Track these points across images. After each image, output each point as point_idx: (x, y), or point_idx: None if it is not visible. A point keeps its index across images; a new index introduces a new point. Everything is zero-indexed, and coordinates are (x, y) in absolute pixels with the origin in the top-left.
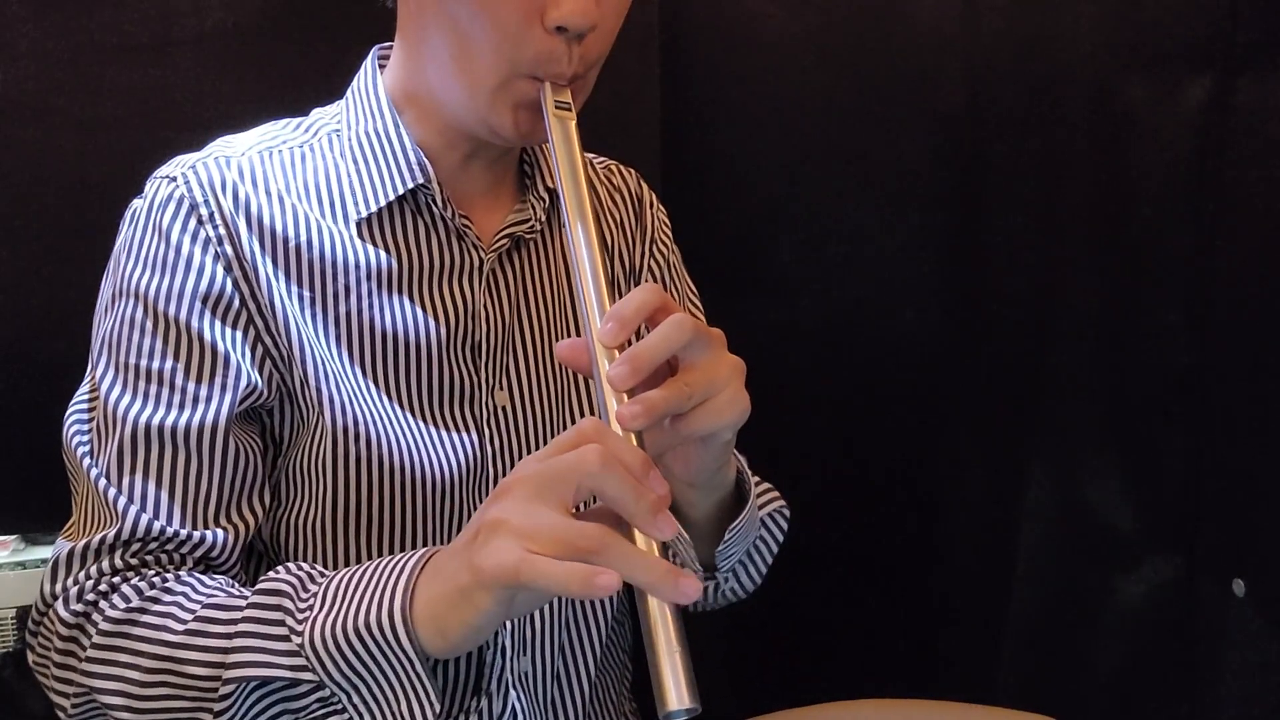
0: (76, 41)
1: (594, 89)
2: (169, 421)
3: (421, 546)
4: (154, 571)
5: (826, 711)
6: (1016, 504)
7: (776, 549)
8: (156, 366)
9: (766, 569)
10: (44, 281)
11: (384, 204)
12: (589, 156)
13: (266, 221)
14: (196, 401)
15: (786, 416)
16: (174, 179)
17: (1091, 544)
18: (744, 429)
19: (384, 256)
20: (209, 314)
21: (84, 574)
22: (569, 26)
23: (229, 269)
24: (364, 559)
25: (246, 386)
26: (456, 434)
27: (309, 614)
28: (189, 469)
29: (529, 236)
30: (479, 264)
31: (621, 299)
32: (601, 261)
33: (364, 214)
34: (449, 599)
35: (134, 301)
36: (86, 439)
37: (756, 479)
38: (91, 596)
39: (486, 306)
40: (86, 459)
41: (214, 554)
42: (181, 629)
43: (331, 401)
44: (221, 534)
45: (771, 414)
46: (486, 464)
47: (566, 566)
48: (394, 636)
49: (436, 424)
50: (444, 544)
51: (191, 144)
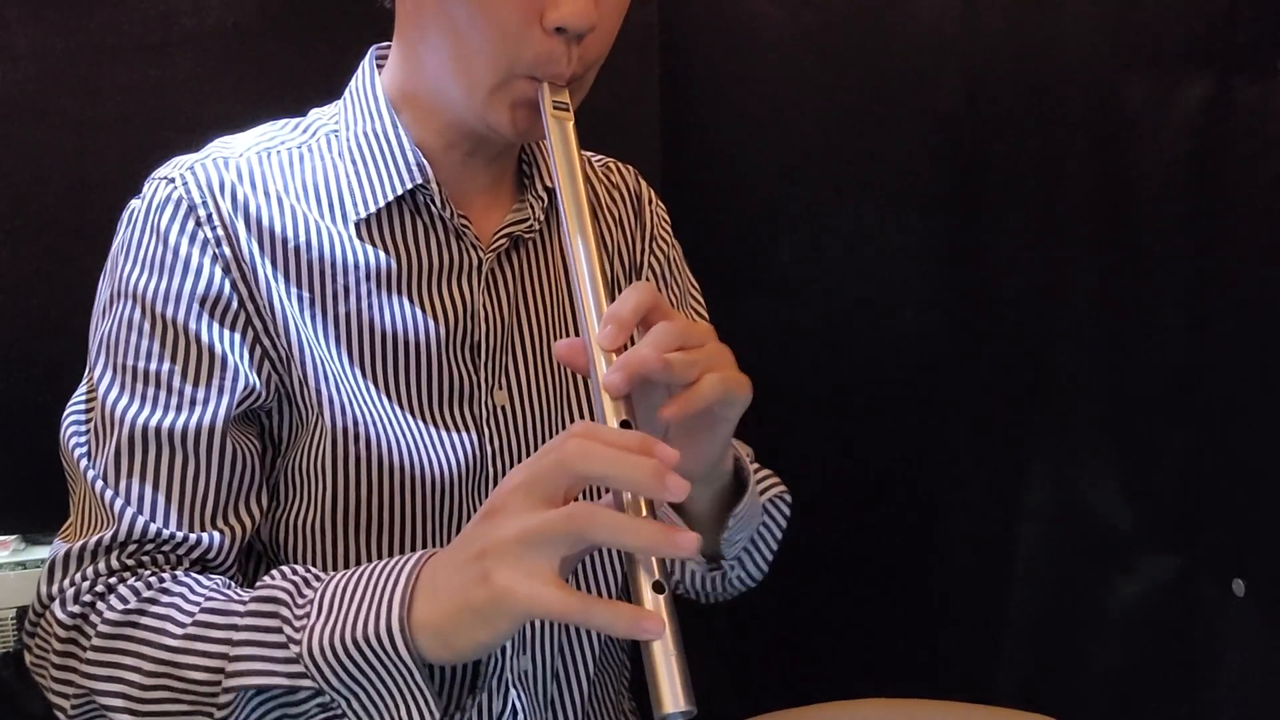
0: (76, 41)
1: (594, 89)
2: (166, 424)
3: (421, 547)
4: (150, 572)
5: (826, 711)
6: (1016, 504)
7: (781, 534)
8: (154, 368)
9: (772, 555)
10: (44, 281)
11: (383, 204)
12: (588, 155)
13: (265, 222)
14: (194, 404)
15: (786, 416)
16: (172, 180)
17: (1091, 544)
18: (744, 429)
19: (383, 257)
20: (207, 316)
21: (80, 575)
22: (568, 27)
23: (227, 270)
24: (364, 559)
25: (244, 388)
26: (456, 434)
27: (306, 622)
28: (186, 471)
29: (528, 236)
30: (478, 263)
31: (617, 300)
32: (599, 263)
33: (363, 214)
34: (460, 619)
35: (132, 303)
36: (84, 441)
37: (756, 465)
38: (89, 598)
39: (485, 306)
40: (84, 461)
41: (210, 555)
42: (180, 632)
43: (331, 402)
44: (218, 536)
45: (771, 414)
46: (486, 464)
47: (614, 608)
48: (393, 648)
49: (436, 424)
50: (444, 544)
51: (191, 144)
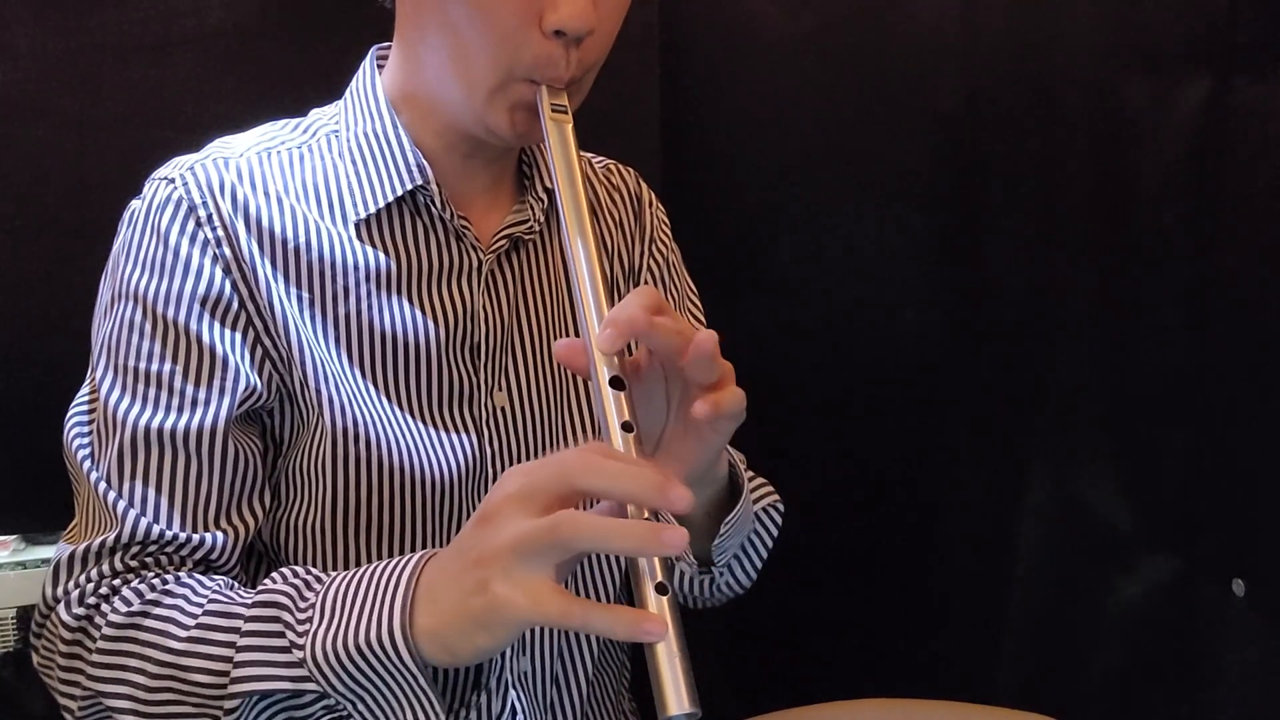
0: (76, 41)
1: (594, 89)
2: (168, 424)
3: (421, 548)
4: (154, 574)
5: (826, 711)
6: (1016, 504)
7: (772, 543)
8: (155, 369)
9: (762, 563)
10: (44, 281)
11: (383, 205)
12: (588, 156)
13: (265, 223)
14: (195, 404)
15: (786, 416)
16: (172, 180)
17: (1091, 544)
18: (744, 429)
19: (383, 258)
20: (208, 316)
21: (85, 577)
22: (567, 30)
23: (228, 271)
24: (364, 560)
25: (246, 389)
26: (455, 435)
27: (308, 627)
28: (188, 472)
29: (528, 237)
30: (478, 265)
31: (618, 303)
32: (599, 265)
33: (363, 215)
34: (460, 626)
35: (133, 304)
36: (87, 442)
37: (750, 474)
38: (93, 600)
39: (485, 307)
40: (87, 462)
41: (213, 556)
42: (184, 635)
43: (331, 402)
44: (221, 536)
45: (771, 414)
46: (485, 465)
47: (614, 613)
48: (395, 654)
49: (435, 425)
50: (443, 545)
51: (191, 144)
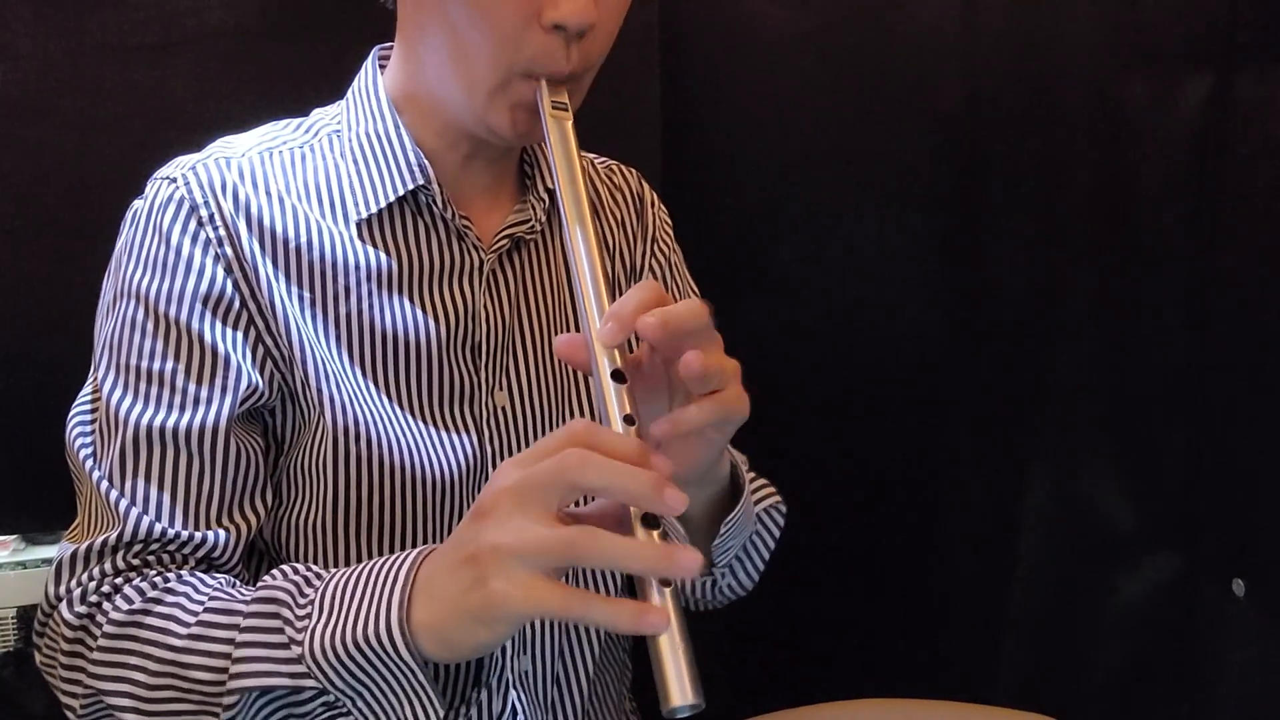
0: (76, 41)
1: (594, 89)
2: (170, 423)
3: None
4: (156, 572)
5: (826, 711)
6: (1016, 504)
7: (773, 544)
8: (157, 368)
9: (764, 565)
10: (44, 281)
11: (384, 205)
12: (590, 156)
13: (267, 222)
14: (198, 403)
15: (787, 416)
16: (174, 180)
17: (1091, 544)
18: (745, 429)
19: (384, 257)
20: (209, 315)
21: (87, 576)
22: (567, 25)
23: (229, 270)
24: (364, 559)
25: (247, 387)
26: (456, 434)
27: (307, 623)
28: (190, 470)
29: (529, 237)
30: (479, 264)
31: (620, 297)
32: (600, 261)
33: (364, 215)
34: (458, 622)
35: (135, 303)
36: (89, 441)
37: (752, 474)
38: (95, 598)
39: (486, 307)
40: (89, 461)
41: (215, 554)
42: (184, 632)
43: (332, 402)
44: (223, 534)
45: (772, 414)
46: (486, 464)
47: (615, 605)
48: (394, 649)
49: (436, 424)
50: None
51: (191, 144)
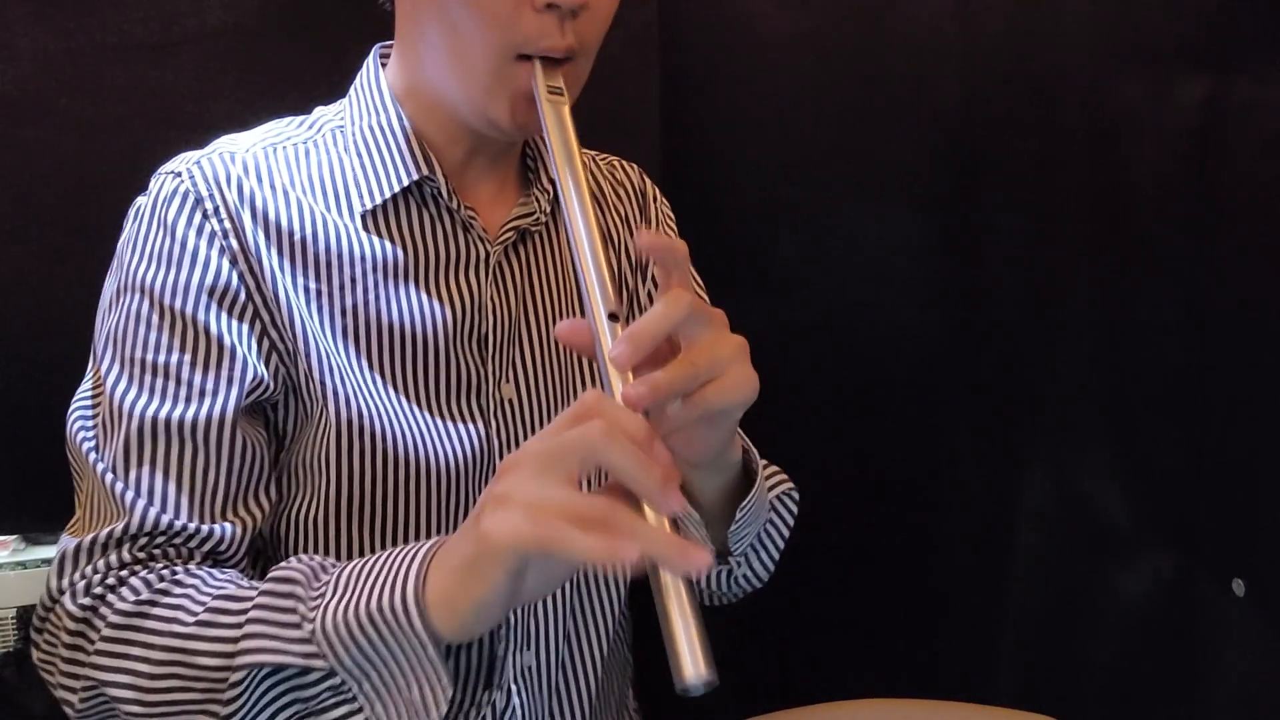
0: (77, 41)
1: (594, 89)
2: (176, 415)
3: (428, 539)
4: (162, 565)
5: (826, 711)
6: (1016, 503)
7: (788, 533)
8: (163, 360)
9: (779, 554)
10: (44, 281)
11: (389, 196)
12: (591, 152)
13: (271, 215)
14: (204, 395)
15: (786, 415)
16: (178, 174)
17: (1091, 543)
18: (743, 428)
19: (390, 248)
20: (215, 307)
21: (91, 568)
22: (559, 2)
23: (234, 262)
24: (367, 552)
25: (253, 379)
26: (463, 426)
27: (320, 601)
28: (196, 463)
29: (534, 229)
30: (485, 256)
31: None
32: (600, 240)
33: (369, 206)
34: (458, 575)
35: (139, 296)
36: (91, 434)
37: (764, 461)
38: (99, 590)
39: (493, 298)
40: (92, 454)
41: (221, 548)
42: (192, 620)
43: (336, 394)
44: (229, 527)
45: (771, 413)
46: (493, 456)
47: (590, 535)
48: (406, 619)
49: (443, 416)
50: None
51: (192, 144)
